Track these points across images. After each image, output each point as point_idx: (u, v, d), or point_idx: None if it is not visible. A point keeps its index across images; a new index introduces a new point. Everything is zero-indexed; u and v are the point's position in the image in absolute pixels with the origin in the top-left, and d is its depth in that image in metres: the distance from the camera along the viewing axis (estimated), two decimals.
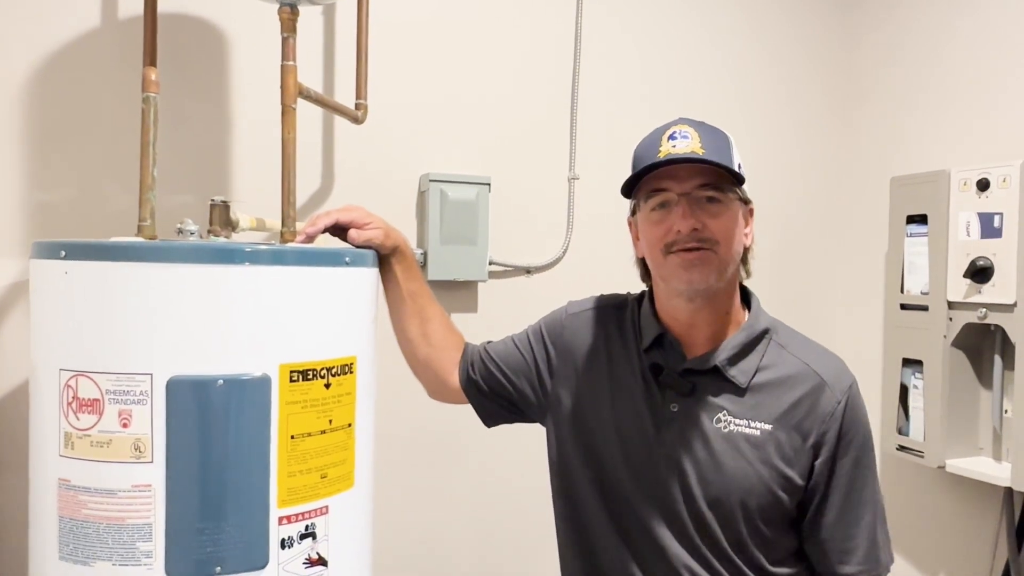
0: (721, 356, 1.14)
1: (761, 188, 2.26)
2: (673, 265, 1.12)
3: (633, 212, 1.21)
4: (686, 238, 1.10)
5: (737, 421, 1.12)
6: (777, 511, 1.12)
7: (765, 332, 1.18)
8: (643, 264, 1.22)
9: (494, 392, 1.30)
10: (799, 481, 1.12)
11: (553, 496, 1.29)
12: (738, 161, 1.14)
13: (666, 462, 1.14)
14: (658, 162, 1.09)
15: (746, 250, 1.19)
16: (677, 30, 2.20)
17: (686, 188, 1.10)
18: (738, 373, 1.14)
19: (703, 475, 1.12)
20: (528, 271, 2.03)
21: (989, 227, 1.81)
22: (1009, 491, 1.87)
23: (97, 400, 0.97)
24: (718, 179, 1.11)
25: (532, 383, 1.29)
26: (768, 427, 1.11)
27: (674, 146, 1.10)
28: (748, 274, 1.23)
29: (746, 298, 1.23)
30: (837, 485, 1.13)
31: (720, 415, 1.13)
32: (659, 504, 1.14)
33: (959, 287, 1.87)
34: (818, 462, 1.12)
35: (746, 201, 1.17)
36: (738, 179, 1.12)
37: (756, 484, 1.11)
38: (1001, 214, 1.79)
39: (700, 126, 1.13)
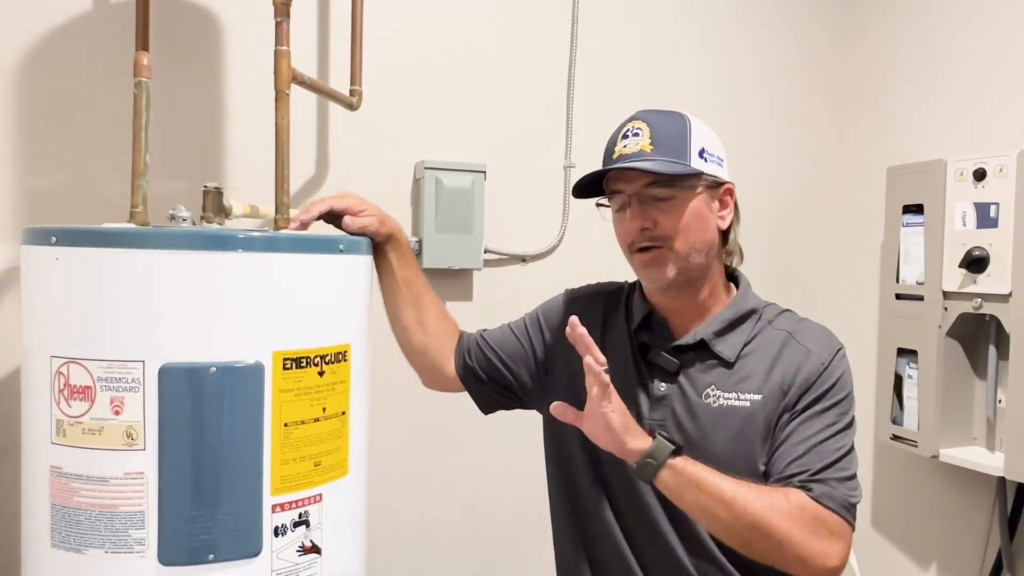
0: (708, 331, 1.16)
1: (758, 178, 2.27)
2: (636, 264, 1.17)
3: None
4: (641, 238, 1.13)
5: (726, 395, 1.13)
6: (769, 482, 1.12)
7: (752, 311, 1.19)
8: None
9: (491, 379, 1.30)
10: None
11: (548, 481, 1.30)
12: (700, 146, 1.14)
13: None
14: (590, 174, 1.16)
15: (726, 232, 1.19)
16: (673, 19, 2.19)
17: (635, 188, 1.13)
18: (725, 348, 1.15)
19: (693, 451, 1.11)
20: (523, 259, 2.02)
21: (985, 217, 1.81)
22: (1002, 480, 1.88)
23: (89, 387, 0.96)
24: (669, 177, 1.11)
25: (530, 369, 1.29)
26: (757, 397, 1.12)
27: (625, 146, 1.14)
28: (738, 253, 1.23)
29: (735, 281, 1.24)
30: (797, 418, 1.11)
31: (709, 390, 1.14)
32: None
33: (955, 277, 1.86)
34: (787, 412, 1.11)
35: (716, 184, 1.16)
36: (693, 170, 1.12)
37: (748, 457, 1.11)
38: (997, 204, 1.79)
39: (654, 117, 1.15)
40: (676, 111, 1.18)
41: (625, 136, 1.15)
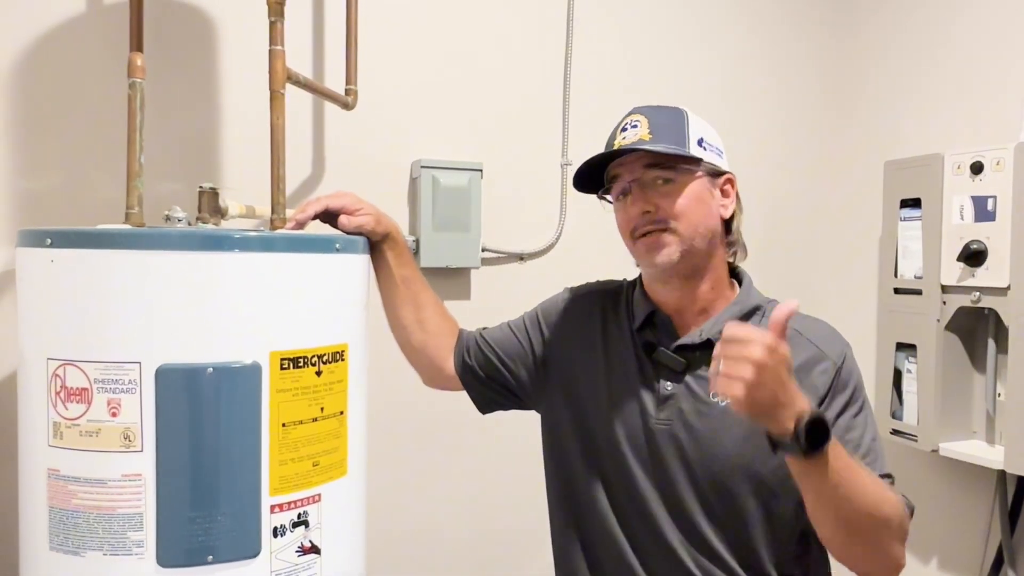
0: (714, 329, 1.14)
1: (755, 172, 2.26)
2: (640, 250, 1.16)
3: None
4: (643, 222, 1.13)
5: None
6: (779, 482, 1.10)
7: (757, 308, 1.18)
8: None
9: (490, 378, 1.30)
10: None
11: (547, 482, 1.29)
12: (699, 136, 1.16)
13: (664, 440, 1.14)
14: (590, 160, 1.15)
15: (728, 221, 1.19)
16: (670, 15, 2.18)
17: (635, 173, 1.14)
18: None
19: (702, 451, 1.12)
20: (521, 258, 2.02)
21: (983, 210, 1.81)
22: (1002, 474, 1.88)
23: (85, 389, 0.96)
24: (667, 159, 1.13)
25: (528, 368, 1.29)
26: None
27: (624, 138, 1.15)
28: (741, 247, 1.22)
29: (738, 277, 1.23)
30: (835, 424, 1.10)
31: None
32: (658, 484, 1.14)
33: (953, 271, 1.86)
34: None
35: (717, 173, 1.17)
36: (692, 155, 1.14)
37: (756, 457, 1.09)
38: (995, 197, 1.79)
39: (652, 111, 1.17)
40: (674, 106, 1.19)
41: (624, 129, 1.16)
